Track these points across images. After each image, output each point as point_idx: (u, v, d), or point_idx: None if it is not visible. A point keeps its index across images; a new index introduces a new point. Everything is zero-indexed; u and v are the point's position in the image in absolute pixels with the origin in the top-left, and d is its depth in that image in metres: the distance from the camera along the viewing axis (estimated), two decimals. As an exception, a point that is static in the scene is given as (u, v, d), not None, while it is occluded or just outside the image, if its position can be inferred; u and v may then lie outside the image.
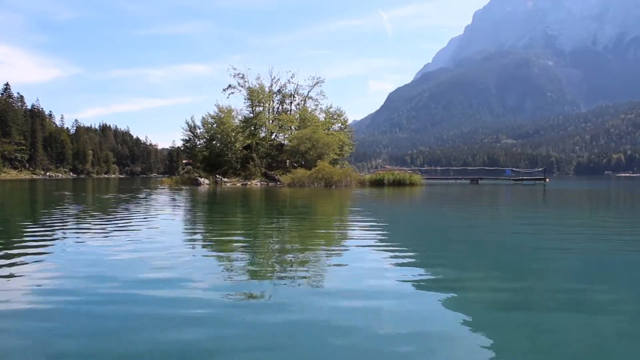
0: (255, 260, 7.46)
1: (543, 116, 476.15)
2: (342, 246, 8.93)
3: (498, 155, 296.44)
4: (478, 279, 6.37)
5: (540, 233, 11.30)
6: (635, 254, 8.46)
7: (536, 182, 61.34)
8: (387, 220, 14.37)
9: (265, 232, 11.24)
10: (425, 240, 10.37)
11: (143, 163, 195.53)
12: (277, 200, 24.42)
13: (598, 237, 10.44)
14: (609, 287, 5.99)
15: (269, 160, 55.37)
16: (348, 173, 43.48)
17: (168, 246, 8.56)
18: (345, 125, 64.55)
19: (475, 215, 16.86)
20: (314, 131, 51.50)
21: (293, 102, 65.01)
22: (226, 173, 54.39)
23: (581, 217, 16.75)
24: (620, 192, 37.87)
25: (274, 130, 59.91)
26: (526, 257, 8.05)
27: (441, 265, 7.17)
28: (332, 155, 54.32)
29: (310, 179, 41.67)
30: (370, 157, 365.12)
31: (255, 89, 59.44)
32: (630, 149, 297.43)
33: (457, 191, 36.33)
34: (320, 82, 63.03)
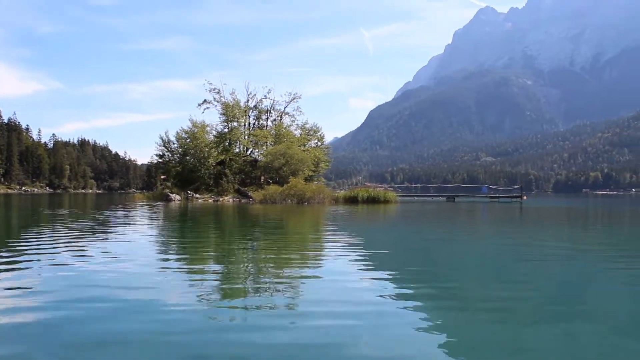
0: (229, 280, 7.37)
1: (522, 135, 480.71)
2: (315, 266, 8.72)
3: (478, 173, 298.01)
4: (455, 296, 6.46)
5: (513, 252, 11.20)
6: (611, 270, 8.62)
7: (513, 199, 60.72)
8: (360, 238, 13.80)
9: (233, 253, 10.50)
10: (399, 259, 10.25)
11: (122, 178, 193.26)
12: (245, 219, 23.24)
13: (572, 259, 10.09)
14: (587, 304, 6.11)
15: (243, 176, 54.09)
16: (321, 190, 42.29)
17: (133, 269, 8.07)
18: (321, 141, 63.58)
19: (451, 234, 16.15)
20: (289, 147, 50.39)
21: (269, 118, 64.04)
22: (199, 189, 53.05)
23: (557, 235, 16.19)
24: (597, 211, 37.39)
25: (249, 146, 58.71)
26: (503, 274, 8.19)
27: (418, 282, 7.17)
28: (307, 171, 53.23)
29: (283, 196, 40.45)
30: (350, 174, 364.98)
31: (230, 104, 58.29)
32: (607, 167, 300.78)
33: (433, 209, 35.41)
34: (297, 97, 62.13)
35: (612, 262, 9.55)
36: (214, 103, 59.14)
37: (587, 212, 35.58)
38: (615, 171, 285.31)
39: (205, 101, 59.13)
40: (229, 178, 52.28)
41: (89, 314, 5.21)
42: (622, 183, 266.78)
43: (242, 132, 59.34)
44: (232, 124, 58.65)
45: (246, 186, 52.04)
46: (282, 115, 63.12)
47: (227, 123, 58.34)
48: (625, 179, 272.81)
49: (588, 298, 6.53)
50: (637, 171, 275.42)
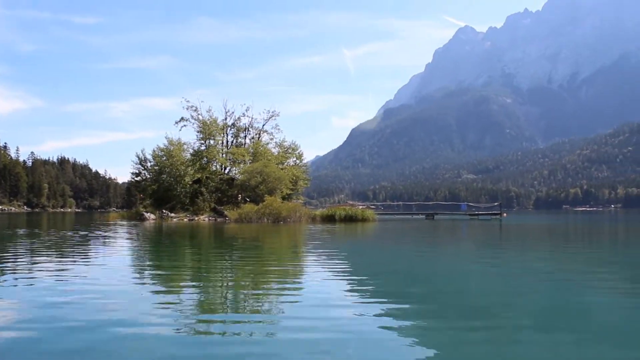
0: (207, 298, 7.48)
1: (502, 152, 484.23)
2: (289, 288, 8.66)
3: (459, 190, 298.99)
4: (432, 314, 6.63)
5: (491, 273, 11.19)
6: (592, 291, 8.62)
7: (492, 217, 60.34)
8: (335, 260, 13.56)
9: (199, 280, 9.92)
10: (376, 278, 10.21)
11: (101, 197, 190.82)
12: (217, 239, 22.47)
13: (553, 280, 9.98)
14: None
15: (219, 194, 53.13)
16: (297, 208, 41.50)
17: (109, 288, 8.09)
18: (300, 159, 62.95)
19: (429, 254, 15.85)
20: (266, 165, 49.62)
21: (248, 136, 63.33)
22: (174, 208, 52.06)
23: (537, 256, 15.94)
24: (577, 228, 37.17)
25: (226, 164, 57.86)
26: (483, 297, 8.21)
27: (395, 302, 7.27)
28: (285, 190, 52.52)
29: (258, 215, 39.60)
30: (333, 192, 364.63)
31: (207, 121, 57.54)
32: (587, 183, 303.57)
33: (411, 227, 34.82)
34: (275, 115, 61.51)
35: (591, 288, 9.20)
36: (191, 121, 58.41)
37: (567, 229, 35.33)
38: (594, 187, 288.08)
39: (182, 119, 58.27)
40: (205, 197, 51.34)
41: (56, 334, 5.21)
42: (601, 199, 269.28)
43: (219, 150, 58.55)
44: (209, 141, 57.92)
45: (223, 205, 51.13)
46: (261, 133, 62.48)
47: (204, 141, 57.66)
48: (604, 195, 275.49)
49: (569, 316, 6.55)
50: (616, 187, 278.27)
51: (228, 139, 62.28)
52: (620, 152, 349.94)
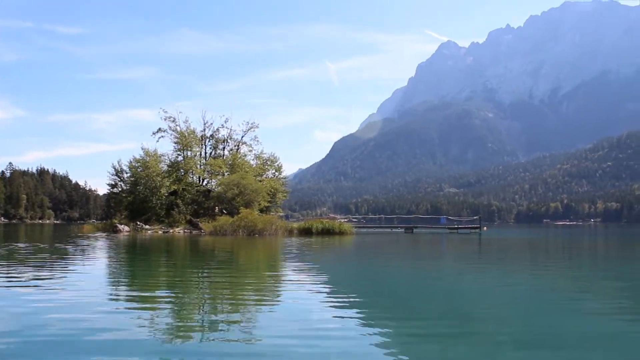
0: (183, 316, 7.38)
1: (484, 166, 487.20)
2: (263, 306, 8.42)
3: (441, 204, 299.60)
4: (411, 327, 6.81)
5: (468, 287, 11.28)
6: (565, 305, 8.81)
7: (471, 231, 60.03)
8: (309, 273, 13.52)
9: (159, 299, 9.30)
10: (355, 292, 10.18)
11: (81, 209, 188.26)
12: (187, 253, 21.63)
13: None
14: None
15: (195, 206, 52.14)
16: (273, 221, 40.64)
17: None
18: (279, 171, 62.25)
19: (407, 270, 15.51)
20: (242, 177, 48.77)
21: (227, 147, 62.53)
22: (149, 220, 51.03)
23: (513, 272, 15.47)
24: (558, 242, 36.82)
25: (203, 176, 56.93)
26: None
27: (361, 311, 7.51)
28: (263, 202, 51.72)
29: (233, 227, 38.68)
30: (315, 205, 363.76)
31: (184, 132, 56.66)
32: (567, 197, 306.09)
33: (390, 241, 34.16)
34: (254, 127, 60.81)
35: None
36: (169, 132, 57.47)
37: (546, 244, 34.96)
38: (575, 202, 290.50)
39: (159, 130, 57.31)
40: (181, 209, 50.39)
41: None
42: (581, 213, 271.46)
43: (196, 161, 57.64)
44: (187, 153, 57.02)
45: (199, 217, 50.16)
46: (240, 145, 61.77)
47: (181, 152, 56.76)
48: (584, 209, 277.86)
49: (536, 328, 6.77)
50: (595, 202, 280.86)
51: (206, 150, 61.57)
52: (599, 167, 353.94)
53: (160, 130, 56.95)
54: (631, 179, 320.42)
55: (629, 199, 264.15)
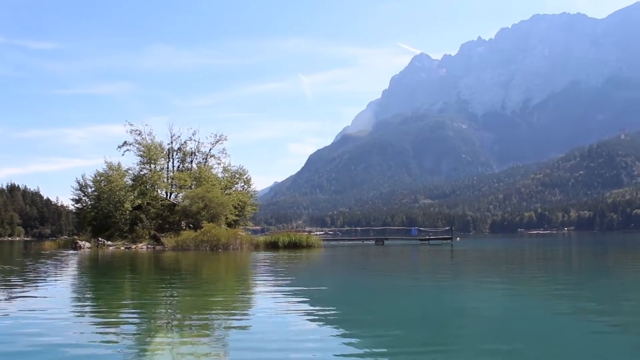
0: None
1: (458, 177, 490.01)
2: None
3: (416, 215, 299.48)
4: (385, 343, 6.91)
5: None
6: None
7: (443, 241, 58.94)
8: (274, 290, 12.99)
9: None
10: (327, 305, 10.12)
11: (53, 225, 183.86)
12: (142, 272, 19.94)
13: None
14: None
15: (160, 221, 50.20)
16: (238, 235, 38.98)
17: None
18: (248, 184, 60.67)
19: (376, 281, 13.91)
20: (208, 190, 46.97)
21: (195, 160, 60.74)
22: (112, 235, 49.10)
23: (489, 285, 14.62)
24: (533, 252, 36.03)
25: (168, 189, 55.02)
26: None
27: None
28: (230, 216, 50.03)
29: (196, 242, 36.93)
30: (291, 218, 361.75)
31: (149, 145, 54.79)
32: (540, 207, 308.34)
33: (358, 254, 32.76)
34: (222, 139, 59.19)
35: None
36: (135, 145, 55.56)
37: (521, 254, 34.14)
38: (548, 211, 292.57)
39: (125, 143, 55.37)
40: (145, 223, 48.54)
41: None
42: (554, 222, 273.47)
43: (162, 175, 55.76)
44: (152, 166, 55.16)
45: (164, 232, 48.29)
46: (208, 158, 60.07)
47: (147, 165, 54.85)
48: (557, 218, 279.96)
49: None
50: (568, 210, 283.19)
51: (174, 163, 59.85)
52: (572, 176, 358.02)
53: (126, 143, 55.12)
54: (602, 187, 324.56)
55: (601, 207, 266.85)
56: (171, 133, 59.20)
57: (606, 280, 16.18)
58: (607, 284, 14.93)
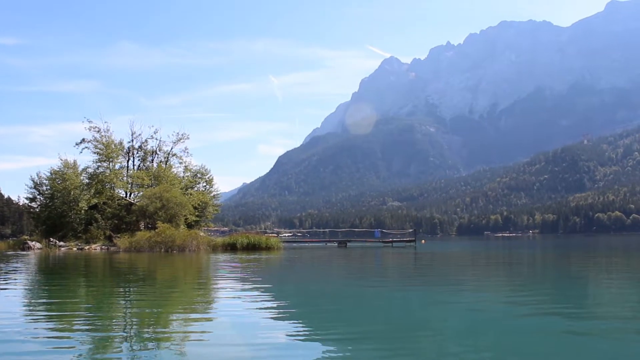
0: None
1: (426, 180, 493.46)
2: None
3: (384, 217, 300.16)
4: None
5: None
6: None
7: (407, 244, 58.22)
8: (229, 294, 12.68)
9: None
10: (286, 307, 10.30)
11: (14, 225, 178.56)
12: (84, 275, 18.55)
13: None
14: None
15: (116, 221, 48.36)
16: (194, 236, 37.53)
17: None
18: (210, 184, 59.10)
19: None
20: (166, 190, 45.26)
21: (156, 159, 58.98)
22: (66, 236, 47.15)
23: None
24: (499, 255, 35.55)
25: (126, 189, 53.16)
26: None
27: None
28: (190, 217, 48.47)
29: (150, 243, 35.39)
30: (259, 219, 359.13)
31: (109, 143, 52.90)
32: (506, 210, 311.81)
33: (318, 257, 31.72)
34: (184, 138, 57.56)
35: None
36: (93, 142, 53.50)
37: (487, 256, 33.63)
38: (514, 214, 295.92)
39: (83, 140, 53.27)
40: (100, 223, 46.68)
41: None
42: (520, 225, 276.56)
43: (118, 173, 53.87)
44: (110, 164, 53.25)
45: (121, 232, 46.51)
46: (169, 157, 58.41)
47: (107, 163, 52.90)
48: (523, 221, 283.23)
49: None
50: (533, 214, 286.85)
51: (135, 162, 58.04)
52: (537, 180, 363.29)
53: (84, 140, 53.05)
54: (566, 191, 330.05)
55: (564, 211, 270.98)
56: (132, 131, 57.33)
57: (570, 283, 15.81)
58: (571, 288, 14.73)
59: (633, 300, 12.17)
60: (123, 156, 56.16)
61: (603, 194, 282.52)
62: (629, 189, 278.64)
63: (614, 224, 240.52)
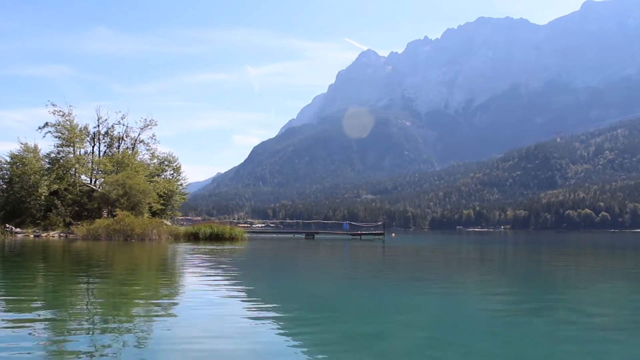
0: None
1: (401, 173, 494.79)
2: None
3: (358, 210, 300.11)
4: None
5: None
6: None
7: (375, 237, 57.42)
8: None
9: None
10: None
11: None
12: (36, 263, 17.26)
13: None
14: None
15: (77, 208, 46.59)
16: (155, 225, 36.11)
17: None
18: (178, 172, 57.53)
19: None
20: (129, 176, 43.61)
21: (122, 146, 57.20)
22: (24, 222, 45.34)
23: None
24: (470, 250, 34.90)
25: (89, 175, 51.35)
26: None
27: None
28: (155, 205, 46.93)
29: (108, 231, 33.89)
30: (233, 209, 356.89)
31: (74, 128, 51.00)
32: (479, 205, 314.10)
33: (283, 249, 30.61)
34: (152, 124, 55.94)
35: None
36: (57, 127, 51.48)
37: (458, 250, 32.93)
38: (486, 209, 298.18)
39: (47, 124, 51.22)
40: (60, 210, 44.90)
41: None
42: (492, 220, 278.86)
43: (85, 159, 52.07)
44: (75, 150, 51.37)
45: (82, 219, 44.81)
46: (136, 143, 56.69)
47: (67, 148, 50.97)
48: (494, 216, 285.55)
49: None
50: (505, 209, 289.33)
51: (101, 148, 56.26)
52: (509, 176, 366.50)
53: (48, 124, 51.04)
54: (538, 187, 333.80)
55: (536, 207, 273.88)
56: (98, 116, 55.49)
57: (539, 279, 16.15)
58: (541, 283, 14.99)
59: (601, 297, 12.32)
60: (89, 142, 54.54)
61: (574, 192, 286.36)
62: (599, 187, 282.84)
63: (584, 221, 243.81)
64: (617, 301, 11.47)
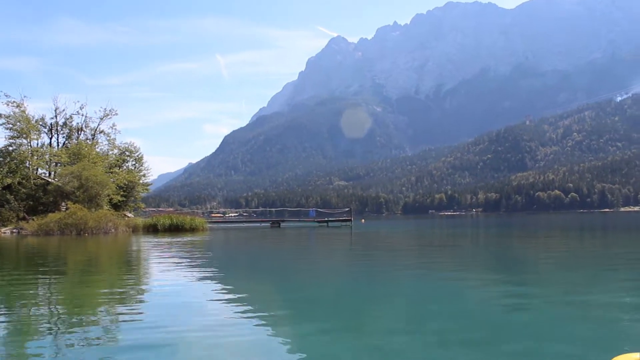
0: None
1: (372, 159, 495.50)
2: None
3: (330, 197, 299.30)
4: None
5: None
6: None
7: (342, 224, 56.39)
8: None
9: None
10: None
11: None
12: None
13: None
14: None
15: (32, 202, 44.31)
16: (110, 218, 34.22)
17: None
18: (140, 163, 55.39)
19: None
20: (85, 168, 41.44)
21: (82, 137, 54.83)
22: (-26, 218, 42.91)
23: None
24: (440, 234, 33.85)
25: (44, 167, 48.96)
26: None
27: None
28: (115, 197, 44.88)
29: (60, 226, 31.94)
30: (205, 200, 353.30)
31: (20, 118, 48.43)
32: (451, 189, 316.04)
33: (246, 238, 29.07)
34: (112, 114, 53.70)
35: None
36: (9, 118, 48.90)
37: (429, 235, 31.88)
38: (458, 193, 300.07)
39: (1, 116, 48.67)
40: (12, 205, 42.60)
41: None
42: (464, 204, 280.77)
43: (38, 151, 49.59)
44: (31, 141, 48.91)
45: (37, 214, 42.56)
46: (96, 134, 54.40)
47: (20, 140, 48.46)
48: (466, 200, 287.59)
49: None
50: (477, 192, 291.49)
51: (59, 139, 53.86)
52: (480, 160, 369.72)
53: (2, 116, 48.45)
54: (509, 170, 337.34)
55: (507, 190, 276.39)
56: (55, 106, 53.04)
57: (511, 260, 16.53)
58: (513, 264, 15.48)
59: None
60: (45, 133, 52.22)
61: (543, 174, 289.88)
62: (568, 168, 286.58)
63: (554, 202, 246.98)
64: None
